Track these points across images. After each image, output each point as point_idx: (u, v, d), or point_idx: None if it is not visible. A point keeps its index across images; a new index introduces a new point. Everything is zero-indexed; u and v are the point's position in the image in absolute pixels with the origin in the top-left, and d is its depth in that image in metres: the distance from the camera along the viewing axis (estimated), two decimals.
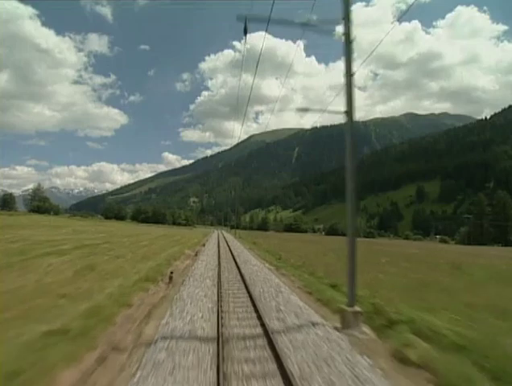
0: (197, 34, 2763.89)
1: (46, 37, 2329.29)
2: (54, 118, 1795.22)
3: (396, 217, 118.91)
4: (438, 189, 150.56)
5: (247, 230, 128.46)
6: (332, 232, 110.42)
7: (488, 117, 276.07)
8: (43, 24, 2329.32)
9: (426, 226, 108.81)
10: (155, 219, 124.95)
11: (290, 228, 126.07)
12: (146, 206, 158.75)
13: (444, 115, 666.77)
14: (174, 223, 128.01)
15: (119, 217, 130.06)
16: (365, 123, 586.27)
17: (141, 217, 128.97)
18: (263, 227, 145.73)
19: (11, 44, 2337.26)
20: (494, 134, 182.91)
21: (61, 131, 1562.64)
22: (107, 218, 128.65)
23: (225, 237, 48.58)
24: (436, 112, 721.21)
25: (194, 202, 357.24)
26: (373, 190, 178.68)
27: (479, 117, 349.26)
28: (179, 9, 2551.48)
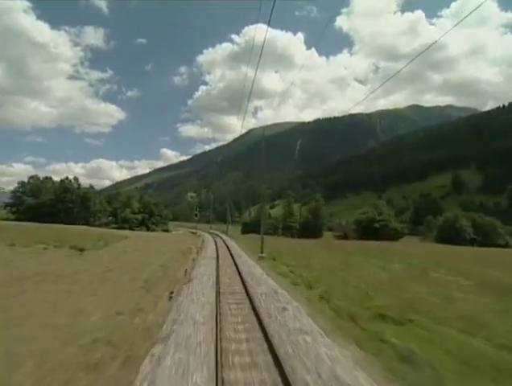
0: (195, 27, 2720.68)
1: (41, 31, 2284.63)
2: (50, 114, 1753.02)
3: (433, 211, 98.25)
4: (478, 178, 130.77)
5: (272, 235, 67.25)
6: (447, 236, 58.21)
7: (506, 105, 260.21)
8: (38, 17, 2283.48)
9: None
10: (65, 215, 60.23)
11: (372, 230, 64.38)
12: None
13: (450, 107, 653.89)
14: (116, 223, 66.86)
15: None
16: (369, 115, 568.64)
17: (23, 207, 61.79)
18: (314, 227, 74.88)
19: (5, 38, 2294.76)
20: None
21: (58, 127, 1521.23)
22: None
23: None
24: (441, 104, 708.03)
25: (191, 197, 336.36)
26: (395, 182, 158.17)
27: (484, 109, 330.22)
28: (175, 1, 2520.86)
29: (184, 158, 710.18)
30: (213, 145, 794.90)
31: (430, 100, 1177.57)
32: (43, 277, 12.36)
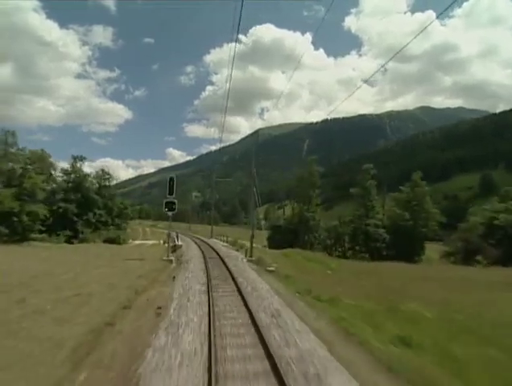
0: (202, 27, 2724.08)
1: (50, 30, 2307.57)
2: (57, 113, 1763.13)
3: (461, 215, 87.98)
4: (510, 178, 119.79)
5: (326, 252, 43.89)
6: None
7: None
8: (48, 16, 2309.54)
9: None
10: None
11: None
12: None
13: (461, 109, 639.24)
14: None
15: None
16: (378, 116, 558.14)
17: None
18: (411, 235, 41.80)
19: (15, 37, 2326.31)
20: None
21: (65, 126, 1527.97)
22: None
23: None
24: (451, 106, 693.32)
25: (196, 196, 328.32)
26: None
27: (496, 112, 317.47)
28: (183, 0, 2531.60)
29: (190, 157, 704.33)
30: (219, 146, 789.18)
31: (439, 102, 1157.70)
32: None
